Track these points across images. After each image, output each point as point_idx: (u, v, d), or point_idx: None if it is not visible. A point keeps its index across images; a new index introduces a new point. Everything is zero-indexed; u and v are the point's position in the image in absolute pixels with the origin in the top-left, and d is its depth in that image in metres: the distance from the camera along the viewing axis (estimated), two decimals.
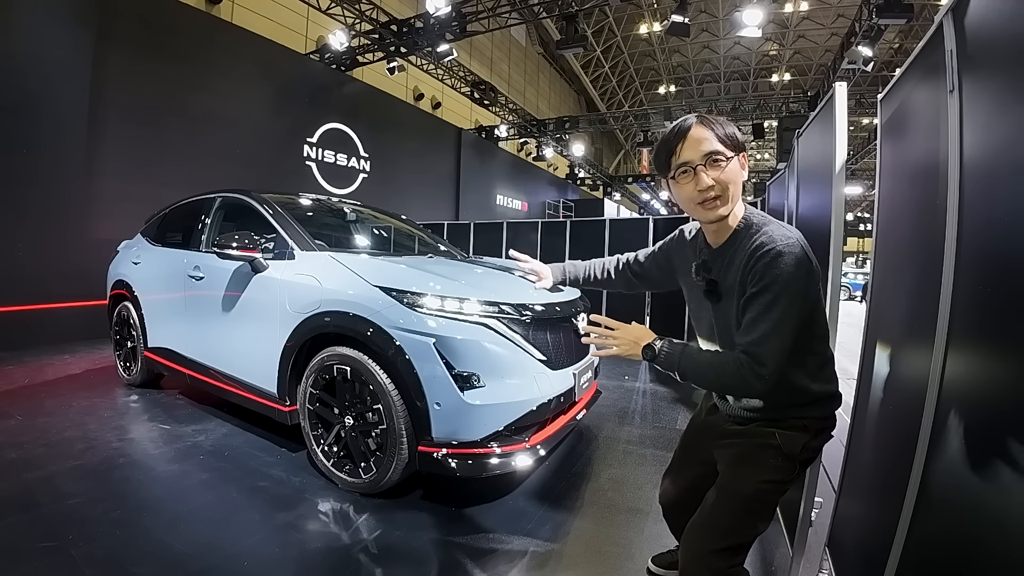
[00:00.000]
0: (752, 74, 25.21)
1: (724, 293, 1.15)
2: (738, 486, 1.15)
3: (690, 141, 1.07)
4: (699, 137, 1.07)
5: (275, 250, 2.56)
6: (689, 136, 1.07)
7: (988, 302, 0.85)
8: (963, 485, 0.87)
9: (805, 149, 2.16)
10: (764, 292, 1.02)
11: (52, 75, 4.90)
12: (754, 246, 1.06)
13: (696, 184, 1.07)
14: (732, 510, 1.14)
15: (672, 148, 1.10)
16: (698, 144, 1.07)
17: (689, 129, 1.08)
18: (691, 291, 1.29)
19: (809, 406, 1.15)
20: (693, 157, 1.07)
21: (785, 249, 1.01)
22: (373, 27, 9.03)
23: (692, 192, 1.09)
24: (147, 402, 3.31)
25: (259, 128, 7.58)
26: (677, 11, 8.00)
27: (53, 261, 5.00)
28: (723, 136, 1.07)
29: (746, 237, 1.10)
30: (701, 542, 1.15)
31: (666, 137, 1.12)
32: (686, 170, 1.08)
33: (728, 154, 1.06)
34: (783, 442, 1.13)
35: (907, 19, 7.59)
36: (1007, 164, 0.81)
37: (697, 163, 1.06)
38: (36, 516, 1.88)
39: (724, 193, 1.07)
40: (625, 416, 3.42)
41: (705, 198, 1.08)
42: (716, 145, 1.06)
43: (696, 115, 1.10)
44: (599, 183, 23.26)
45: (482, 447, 1.97)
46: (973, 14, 0.94)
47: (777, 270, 1.01)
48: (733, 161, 1.07)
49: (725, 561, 1.12)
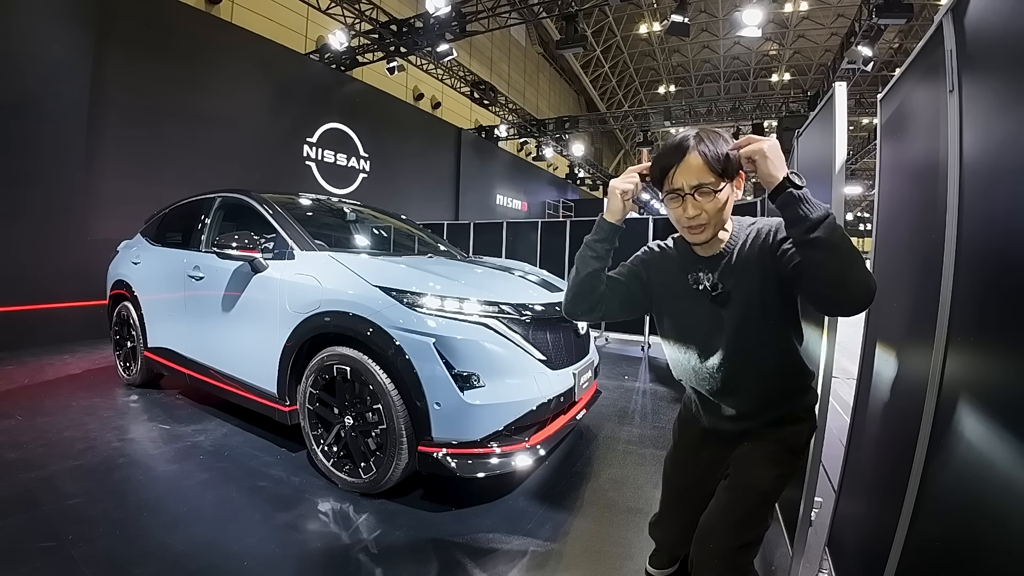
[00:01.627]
0: (752, 74, 25.20)
1: (734, 293, 1.14)
2: (753, 483, 1.17)
3: (683, 167, 1.07)
4: (693, 165, 1.06)
5: (275, 250, 2.56)
6: (683, 162, 1.07)
7: (988, 301, 0.85)
8: (963, 485, 0.87)
9: (805, 149, 2.16)
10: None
11: (52, 75, 4.90)
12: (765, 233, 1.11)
13: (684, 211, 1.09)
14: (748, 507, 1.16)
15: (667, 168, 1.10)
16: (690, 173, 1.06)
17: (686, 153, 1.07)
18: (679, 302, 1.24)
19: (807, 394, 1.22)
20: (683, 185, 1.07)
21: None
22: (373, 27, 9.03)
23: (680, 216, 1.11)
24: (147, 402, 3.31)
25: (259, 128, 7.58)
26: (677, 11, 8.00)
27: (53, 261, 5.00)
28: (717, 160, 1.05)
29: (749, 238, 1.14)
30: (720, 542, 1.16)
31: (665, 151, 1.11)
32: (674, 196, 1.10)
33: (719, 185, 1.06)
34: (789, 437, 1.19)
35: (907, 19, 7.59)
36: (1007, 164, 0.81)
37: (686, 192, 1.08)
38: (36, 516, 1.88)
39: (710, 221, 1.09)
40: (625, 416, 3.41)
41: (692, 225, 1.10)
42: (707, 177, 1.05)
43: (695, 134, 1.08)
44: (599, 183, 23.27)
45: (482, 447, 1.97)
46: (973, 14, 0.94)
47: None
48: (724, 190, 1.07)
49: (744, 557, 1.16)
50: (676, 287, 1.23)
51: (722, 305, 1.16)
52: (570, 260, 6.77)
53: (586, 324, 2.61)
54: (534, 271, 2.94)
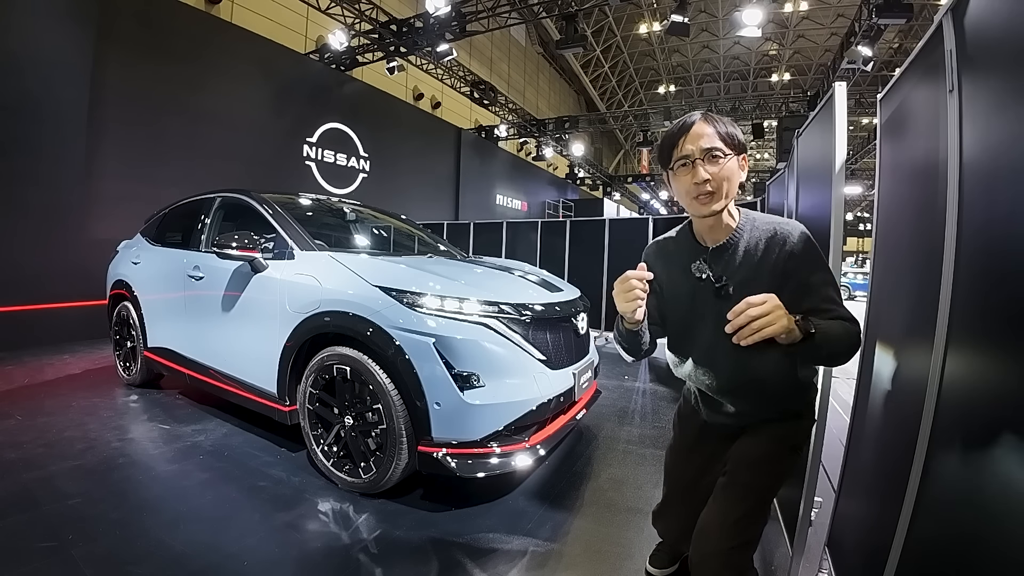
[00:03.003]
0: (752, 74, 25.20)
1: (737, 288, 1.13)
2: (751, 481, 1.18)
3: (692, 135, 1.11)
4: (701, 132, 1.10)
5: (275, 250, 2.56)
6: (692, 131, 1.11)
7: (988, 301, 0.85)
8: (963, 485, 0.87)
9: (805, 149, 2.16)
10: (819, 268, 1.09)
11: (52, 75, 4.90)
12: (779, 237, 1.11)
13: (693, 177, 1.10)
14: (748, 505, 1.17)
15: (675, 141, 1.13)
16: (699, 139, 1.10)
17: (693, 124, 1.11)
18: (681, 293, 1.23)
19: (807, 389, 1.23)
20: (693, 150, 1.10)
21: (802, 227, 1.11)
22: (373, 27, 9.03)
23: (688, 185, 1.12)
24: (147, 402, 3.31)
25: (259, 128, 7.58)
26: (677, 11, 8.00)
27: (53, 261, 4.99)
28: (725, 134, 1.10)
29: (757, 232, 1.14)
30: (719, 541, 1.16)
31: (670, 131, 1.16)
32: (685, 163, 1.11)
33: (727, 151, 1.09)
34: (788, 433, 1.20)
35: (907, 19, 7.59)
36: (1007, 164, 0.81)
37: (696, 157, 1.09)
38: (36, 516, 1.88)
39: (719, 189, 1.10)
40: (625, 416, 3.41)
41: (700, 192, 1.11)
42: (716, 142, 1.09)
43: (701, 112, 1.13)
44: (599, 183, 23.26)
45: (482, 447, 1.97)
46: (973, 14, 0.94)
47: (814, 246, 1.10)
48: (732, 159, 1.10)
49: (744, 554, 1.16)
50: (678, 278, 1.24)
51: (724, 299, 1.15)
52: (570, 260, 6.79)
53: (586, 324, 2.61)
54: (534, 271, 2.94)
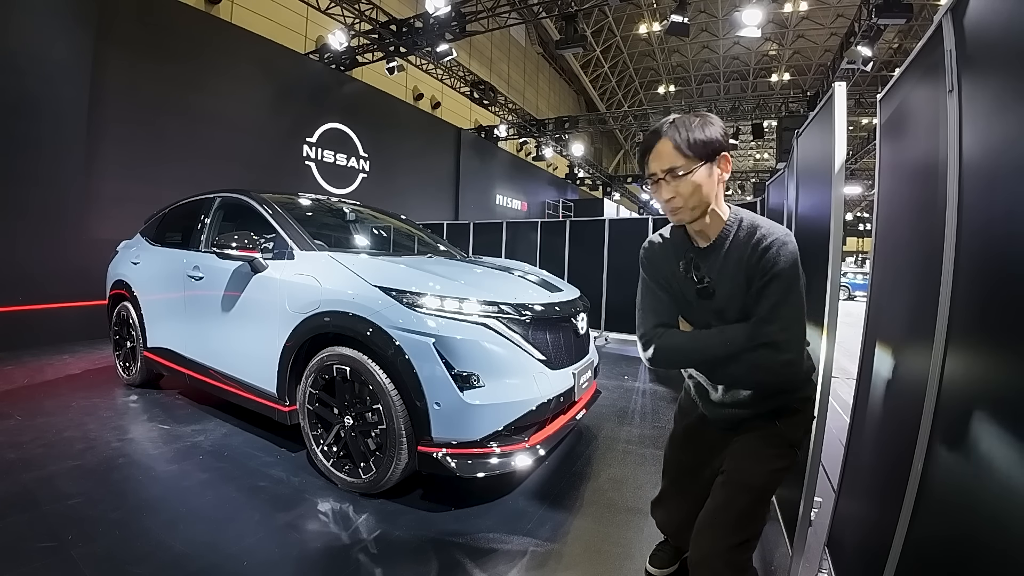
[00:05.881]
0: (751, 74, 25.19)
1: (718, 288, 1.17)
2: (749, 480, 1.18)
3: (653, 155, 1.13)
4: (660, 151, 1.12)
5: (274, 250, 2.56)
6: (653, 151, 1.13)
7: (987, 301, 0.85)
8: (962, 485, 0.87)
9: (804, 149, 2.16)
10: (776, 279, 1.08)
11: (52, 75, 4.89)
12: (756, 239, 1.11)
13: (659, 195, 1.15)
14: (745, 504, 1.17)
15: (643, 160, 1.17)
16: (659, 158, 1.12)
17: (655, 144, 1.13)
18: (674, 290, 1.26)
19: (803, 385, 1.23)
20: (656, 170, 1.13)
21: (787, 239, 1.10)
22: (372, 27, 9.02)
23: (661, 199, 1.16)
24: (146, 402, 3.31)
25: (259, 128, 7.57)
26: (676, 11, 8.00)
27: (53, 261, 4.99)
28: (691, 143, 1.09)
29: (741, 232, 1.15)
30: (718, 540, 1.17)
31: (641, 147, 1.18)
32: (653, 181, 1.15)
33: (691, 166, 1.09)
34: (785, 430, 1.19)
35: (907, 19, 7.59)
36: (1007, 164, 0.81)
37: (659, 177, 1.12)
38: (36, 516, 1.88)
39: (686, 204, 1.12)
40: (625, 416, 3.41)
41: (669, 207, 1.15)
42: (676, 160, 1.10)
43: (670, 121, 1.13)
44: (598, 183, 23.26)
45: (482, 447, 1.97)
46: (972, 14, 0.94)
47: (786, 258, 1.08)
48: (699, 169, 1.10)
49: (743, 554, 1.17)
50: (670, 276, 1.26)
51: (708, 298, 1.19)
52: (570, 260, 6.79)
53: (586, 324, 2.61)
54: (534, 271, 2.94)
